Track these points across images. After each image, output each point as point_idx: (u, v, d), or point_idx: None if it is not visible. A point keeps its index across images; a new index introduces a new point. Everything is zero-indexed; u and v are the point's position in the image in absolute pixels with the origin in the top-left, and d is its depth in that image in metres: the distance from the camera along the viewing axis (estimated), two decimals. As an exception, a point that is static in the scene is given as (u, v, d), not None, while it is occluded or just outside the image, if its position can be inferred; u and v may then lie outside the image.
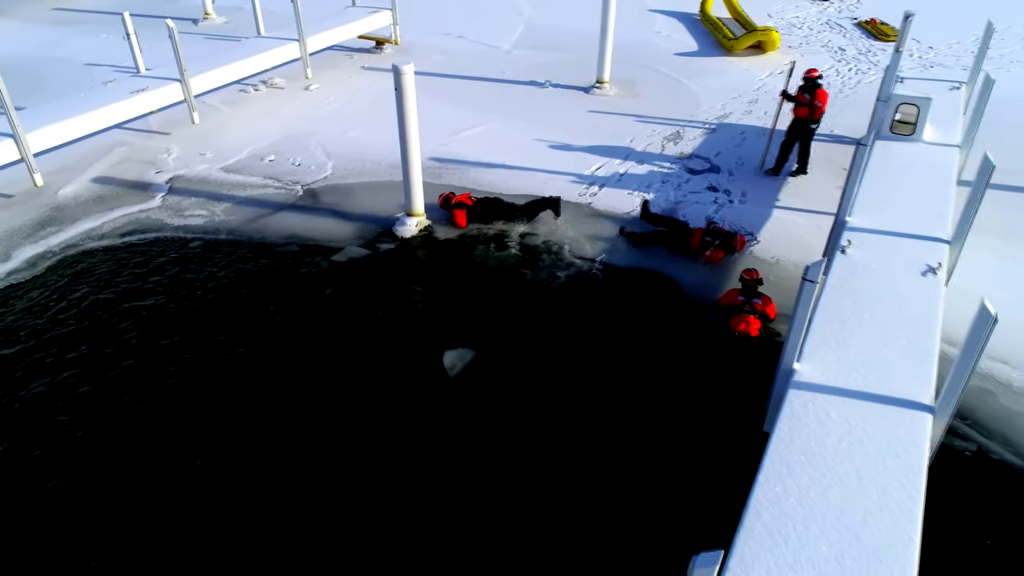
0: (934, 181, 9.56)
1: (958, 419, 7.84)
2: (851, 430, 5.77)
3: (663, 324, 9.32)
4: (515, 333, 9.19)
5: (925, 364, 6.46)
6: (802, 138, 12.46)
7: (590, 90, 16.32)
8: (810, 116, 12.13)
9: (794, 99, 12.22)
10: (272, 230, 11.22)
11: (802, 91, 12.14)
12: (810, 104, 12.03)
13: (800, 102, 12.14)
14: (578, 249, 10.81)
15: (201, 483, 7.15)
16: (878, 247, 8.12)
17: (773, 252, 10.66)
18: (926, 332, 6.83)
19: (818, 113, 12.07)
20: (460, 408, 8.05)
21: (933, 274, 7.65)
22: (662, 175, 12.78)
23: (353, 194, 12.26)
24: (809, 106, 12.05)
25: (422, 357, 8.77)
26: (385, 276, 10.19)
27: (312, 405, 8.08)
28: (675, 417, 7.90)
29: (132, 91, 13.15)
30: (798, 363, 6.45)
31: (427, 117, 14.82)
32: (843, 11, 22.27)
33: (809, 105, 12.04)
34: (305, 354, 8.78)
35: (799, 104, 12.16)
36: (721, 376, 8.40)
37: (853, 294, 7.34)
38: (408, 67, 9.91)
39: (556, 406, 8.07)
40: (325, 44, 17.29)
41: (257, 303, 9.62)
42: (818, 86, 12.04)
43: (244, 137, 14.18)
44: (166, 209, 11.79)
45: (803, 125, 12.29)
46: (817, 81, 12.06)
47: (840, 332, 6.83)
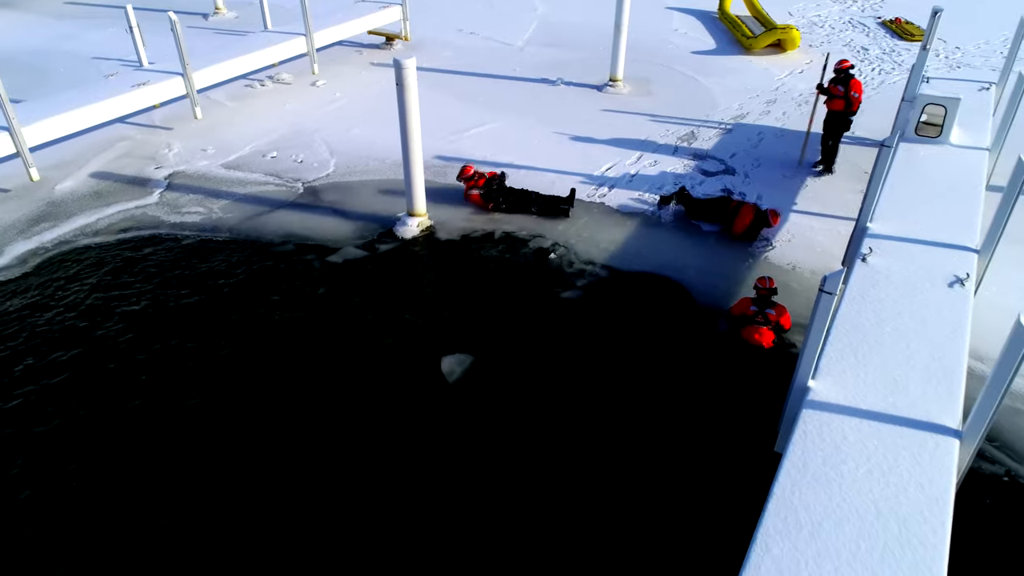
0: (962, 186, 9.05)
1: (985, 440, 7.34)
2: (870, 456, 5.31)
3: (672, 332, 8.88)
4: (517, 339, 8.80)
5: (952, 384, 5.98)
6: (836, 132, 12.12)
7: (603, 88, 15.88)
8: (846, 108, 11.79)
9: (828, 92, 11.87)
10: (270, 229, 10.89)
11: (835, 83, 11.80)
12: (845, 96, 11.70)
13: (834, 95, 11.79)
14: (585, 252, 10.38)
15: (192, 486, 6.83)
16: (901, 256, 7.64)
17: (789, 258, 10.18)
18: (953, 348, 6.34)
19: (855, 104, 11.74)
20: (458, 416, 7.67)
21: (961, 285, 7.15)
22: (675, 176, 12.32)
23: (355, 193, 11.91)
24: (844, 98, 11.72)
25: (418, 363, 8.39)
26: (382, 278, 9.83)
27: (301, 411, 7.73)
28: (681, 432, 7.46)
29: (133, 85, 12.89)
30: (813, 380, 6.00)
31: (434, 114, 14.56)
32: (867, 9, 21.64)
33: (844, 97, 11.72)
34: (295, 359, 8.43)
35: (833, 97, 11.81)
36: (731, 389, 7.95)
37: (874, 306, 6.87)
38: (410, 62, 9.54)
39: (557, 416, 7.66)
40: (333, 39, 16.98)
41: (248, 304, 9.28)
42: (851, 76, 11.72)
43: (247, 133, 13.88)
44: (163, 206, 11.50)
45: (839, 118, 11.94)
46: (850, 72, 11.73)
47: (859, 347, 6.37)
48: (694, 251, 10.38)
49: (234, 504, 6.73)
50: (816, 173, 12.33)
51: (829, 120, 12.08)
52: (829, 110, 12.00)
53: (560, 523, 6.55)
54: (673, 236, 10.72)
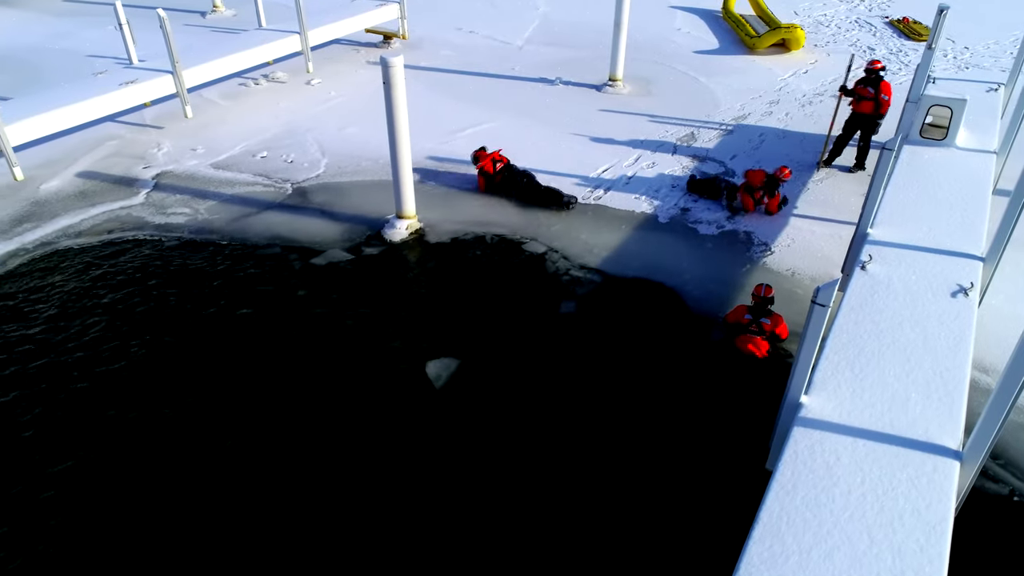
0: (967, 190, 8.71)
1: (990, 458, 7.01)
2: (864, 479, 5.01)
3: (664, 341, 8.58)
4: (504, 344, 8.51)
5: (953, 400, 5.67)
6: (865, 133, 11.90)
7: (602, 88, 15.57)
8: (875, 111, 11.55)
9: (854, 93, 11.62)
10: (255, 231, 10.64)
11: (864, 84, 11.56)
12: (874, 98, 11.46)
13: (863, 96, 11.55)
14: (578, 256, 10.09)
15: (171, 492, 6.59)
16: (902, 263, 7.32)
17: (788, 264, 9.86)
18: (955, 363, 6.03)
19: (884, 107, 11.50)
20: (446, 422, 7.41)
21: (964, 295, 6.83)
22: (672, 179, 12.01)
23: (345, 194, 11.65)
24: (873, 100, 11.49)
25: (401, 369, 8.12)
26: (364, 282, 9.54)
27: (279, 418, 7.47)
28: (669, 447, 7.16)
29: (120, 83, 12.66)
30: (806, 396, 5.70)
31: (430, 114, 14.31)
32: (874, 9, 21.26)
33: (873, 99, 11.48)
34: (272, 365, 8.17)
35: (861, 98, 11.57)
36: (723, 401, 7.64)
37: (873, 317, 6.56)
38: (397, 60, 9.26)
39: (544, 426, 7.37)
40: (328, 38, 16.74)
41: (226, 309, 9.02)
42: (881, 78, 11.49)
43: (238, 132, 13.64)
44: (149, 206, 11.27)
45: (867, 120, 11.70)
46: (880, 73, 11.49)
47: (856, 361, 6.06)
48: (691, 255, 10.07)
49: (213, 512, 6.48)
50: (847, 169, 12.10)
51: (854, 121, 11.81)
52: (855, 112, 11.73)
53: (544, 536, 6.27)
54: (670, 239, 10.42)
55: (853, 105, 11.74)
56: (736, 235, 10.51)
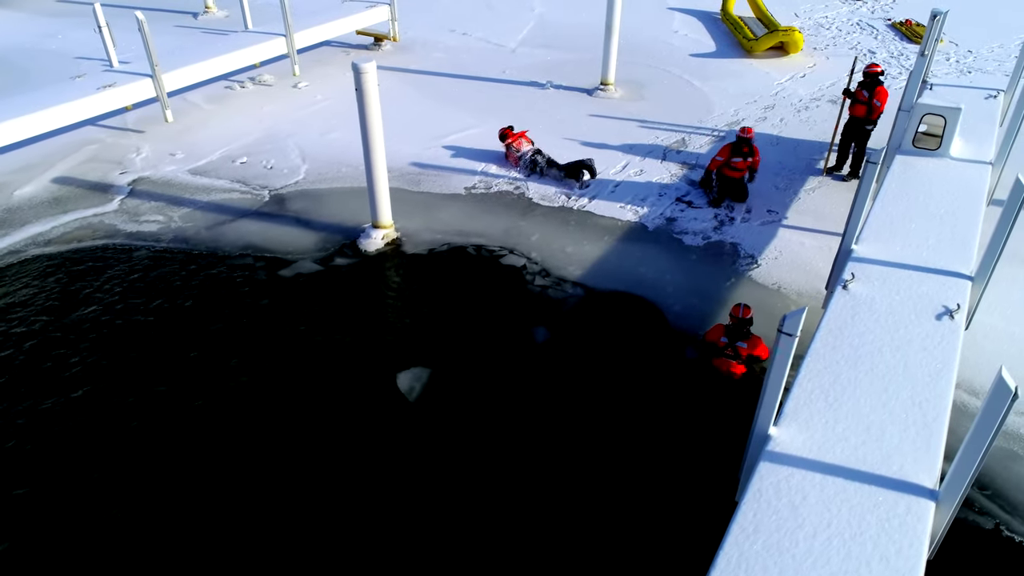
0: (960, 204, 8.35)
1: (975, 488, 6.68)
2: (831, 521, 4.68)
3: (640, 357, 8.27)
4: (476, 360, 8.22)
5: (932, 434, 5.33)
6: (857, 139, 11.50)
7: (593, 92, 15.24)
8: (867, 116, 11.17)
9: (853, 96, 11.26)
10: (228, 240, 10.38)
11: (861, 87, 11.19)
12: (868, 102, 11.06)
13: (858, 99, 11.18)
14: (558, 268, 9.78)
15: (130, 510, 6.33)
16: (887, 283, 6.98)
17: (775, 278, 9.52)
18: (936, 392, 5.69)
19: (876, 113, 11.09)
20: (421, 436, 7.12)
21: (950, 318, 6.48)
22: (660, 187, 11.68)
23: (323, 201, 11.38)
24: (867, 104, 11.08)
25: (366, 385, 7.84)
26: (332, 295, 9.24)
27: (238, 442, 7.20)
28: (638, 469, 6.85)
29: (98, 87, 12.42)
30: (775, 427, 5.38)
31: (416, 118, 14.03)
32: (876, 11, 20.83)
33: (867, 103, 11.08)
34: (230, 382, 7.90)
35: (856, 101, 11.20)
36: (696, 422, 7.32)
37: (851, 341, 6.23)
38: (369, 65, 8.98)
39: (511, 445, 7.07)
40: (316, 40, 16.46)
41: (187, 323, 8.74)
42: (879, 83, 11.07)
43: (220, 137, 13.39)
44: (122, 213, 11.02)
45: (858, 125, 11.32)
46: (878, 77, 11.07)
47: (831, 389, 5.73)
48: (674, 268, 9.74)
49: (175, 536, 6.21)
50: (840, 178, 11.74)
51: (849, 125, 11.48)
52: (851, 115, 11.40)
53: (514, 556, 5.98)
54: (653, 251, 10.09)
55: (849, 108, 11.40)
56: (722, 246, 10.17)
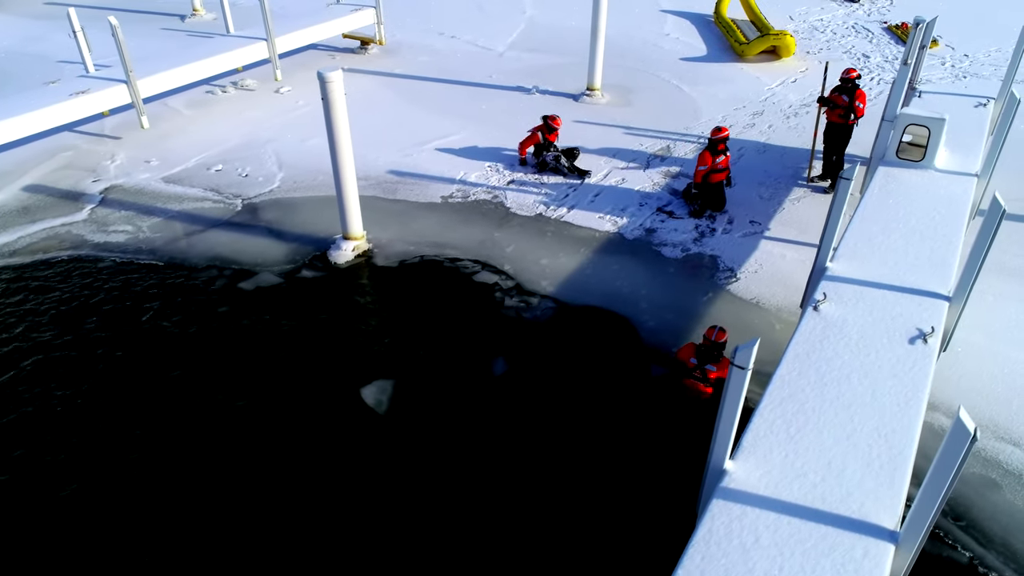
0: (942, 219, 8.06)
1: (949, 519, 6.41)
2: (783, 565, 4.43)
3: (609, 374, 8.02)
4: (441, 377, 7.98)
5: (896, 469, 5.07)
6: (838, 145, 11.28)
7: (580, 98, 14.98)
8: (845, 120, 10.97)
9: (830, 102, 11.03)
10: (196, 251, 10.16)
11: (839, 92, 10.97)
12: (848, 106, 10.88)
13: (837, 104, 10.96)
14: (532, 282, 9.53)
15: (79, 534, 6.12)
16: (860, 303, 6.71)
17: (753, 292, 9.25)
18: (903, 423, 5.42)
19: (859, 112, 10.93)
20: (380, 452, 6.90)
21: (923, 342, 6.21)
22: (641, 196, 11.42)
23: (297, 210, 11.15)
24: (847, 108, 10.89)
25: (321, 402, 7.61)
26: (294, 310, 9.01)
27: (189, 463, 6.99)
28: (595, 493, 6.60)
29: (71, 93, 12.22)
30: (732, 461, 5.13)
31: (396, 124, 13.81)
32: (873, 13, 20.51)
33: (847, 107, 10.89)
34: (180, 402, 7.68)
35: (835, 106, 10.99)
36: (659, 443, 7.07)
37: (819, 366, 5.96)
38: (335, 74, 8.75)
39: (471, 466, 6.83)
40: (299, 44, 16.22)
41: (144, 338, 8.53)
42: (857, 87, 10.91)
43: (197, 143, 13.17)
44: (91, 223, 10.82)
45: (841, 129, 11.11)
46: (856, 82, 10.90)
47: (794, 419, 5.47)
48: (651, 281, 9.49)
49: (132, 559, 6.01)
50: (822, 190, 11.45)
51: (829, 132, 11.22)
52: (829, 121, 11.14)
53: None
54: (631, 264, 9.83)
55: (828, 114, 11.14)
56: (701, 259, 9.91)
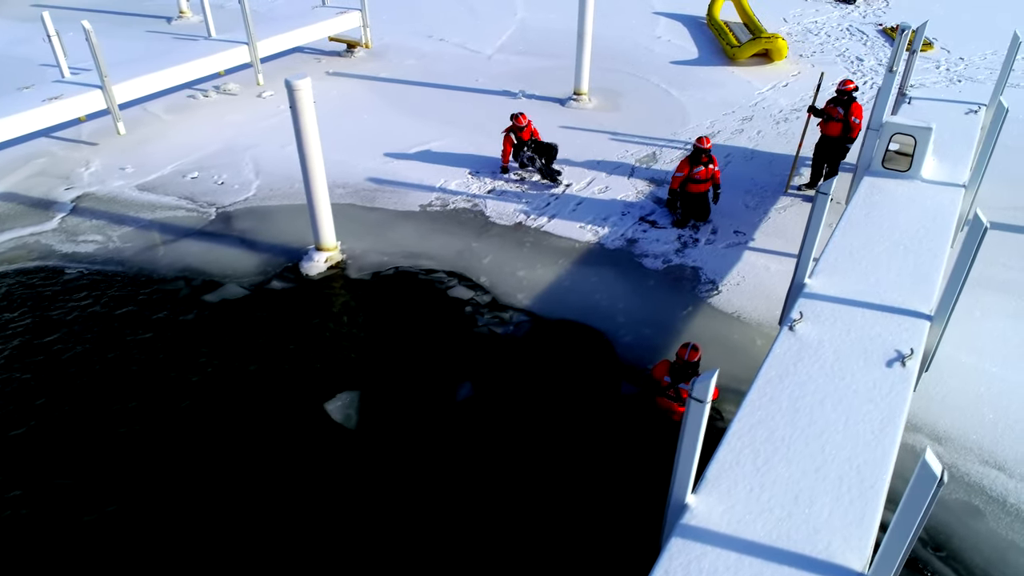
0: (926, 232, 7.80)
1: (930, 549, 6.16)
2: (742, 612, 4.18)
3: (582, 391, 7.77)
4: (407, 395, 7.74)
5: (867, 504, 4.81)
6: (832, 158, 10.97)
7: (566, 102, 14.73)
8: (843, 133, 10.65)
9: (824, 114, 10.71)
10: (165, 262, 9.93)
11: (834, 104, 10.63)
12: (844, 120, 10.55)
13: (832, 117, 10.63)
14: (508, 295, 9.29)
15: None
16: (838, 323, 6.45)
17: (735, 305, 9.00)
18: (878, 455, 5.16)
19: (855, 130, 10.58)
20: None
21: (902, 365, 5.95)
22: (624, 205, 11.16)
23: (271, 219, 10.92)
24: (843, 122, 10.57)
25: (282, 419, 7.38)
26: (259, 323, 8.78)
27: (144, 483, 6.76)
28: (561, 517, 6.35)
29: (45, 99, 11.99)
30: (694, 495, 4.88)
31: (378, 130, 13.58)
32: (868, 16, 20.21)
33: (843, 121, 10.57)
34: (135, 422, 7.45)
35: (830, 119, 10.65)
36: (630, 465, 6.81)
37: (791, 392, 5.71)
38: (303, 82, 8.50)
39: (430, 490, 6.59)
40: (282, 48, 15.98)
41: (99, 353, 8.30)
42: (853, 100, 10.56)
43: (175, 149, 12.94)
44: (60, 233, 10.59)
45: (835, 144, 10.80)
46: (852, 95, 10.54)
47: (762, 449, 5.22)
48: (630, 295, 9.23)
49: None
50: (809, 199, 11.17)
51: (823, 145, 10.90)
52: (824, 134, 10.83)
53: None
54: (610, 276, 9.58)
55: (822, 127, 10.85)
56: (683, 270, 9.65)
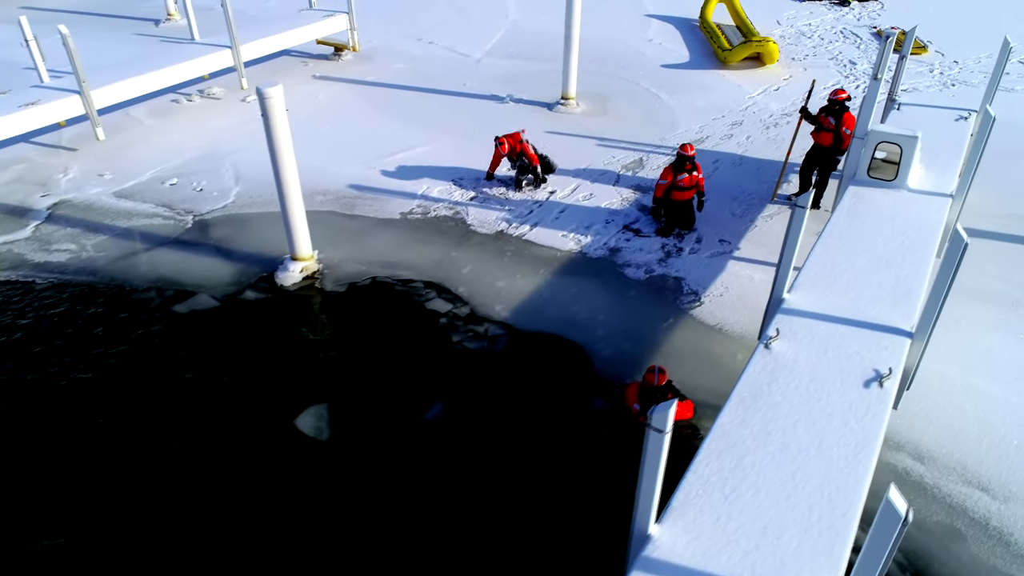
0: (910, 244, 7.60)
1: (908, 575, 5.96)
2: (700, 653, 4.00)
3: (557, 406, 7.59)
4: (377, 410, 7.56)
5: (837, 535, 4.62)
6: (822, 168, 10.74)
7: (554, 107, 14.54)
8: (834, 144, 10.38)
9: (815, 121, 10.47)
10: (139, 272, 9.74)
11: (826, 114, 10.39)
12: (835, 130, 10.29)
13: (823, 126, 10.39)
14: (485, 306, 9.10)
15: None
16: (815, 340, 6.26)
17: (717, 317, 8.81)
18: (851, 481, 4.97)
19: (845, 142, 10.27)
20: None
21: (879, 385, 5.76)
22: (608, 213, 10.97)
23: (249, 227, 10.73)
24: (834, 132, 10.31)
25: (250, 436, 7.20)
26: (229, 335, 8.59)
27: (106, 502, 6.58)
28: (523, 543, 6.17)
29: (21, 105, 11.81)
30: (658, 525, 4.69)
31: (362, 136, 13.40)
32: (863, 18, 20.01)
33: (834, 131, 10.30)
34: (92, 438, 7.27)
35: (821, 128, 10.42)
36: (599, 488, 6.62)
37: (764, 414, 5.51)
38: (274, 90, 8.32)
39: (400, 502, 6.41)
40: (266, 51, 15.78)
41: (66, 365, 8.13)
42: (845, 109, 10.30)
43: (155, 155, 12.77)
44: (33, 241, 10.42)
45: (825, 154, 10.56)
46: (845, 104, 10.30)
47: (731, 476, 5.02)
48: (611, 306, 9.04)
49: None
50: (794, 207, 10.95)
51: (814, 154, 10.67)
52: (815, 143, 10.60)
53: None
54: (591, 286, 9.39)
55: (813, 136, 10.64)
56: (665, 281, 9.46)
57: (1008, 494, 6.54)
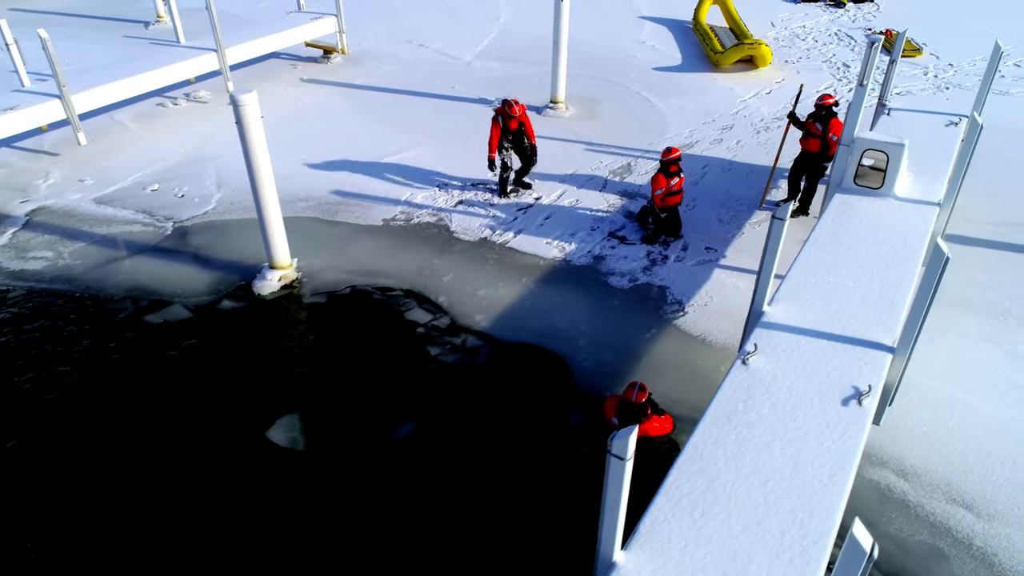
0: (896, 254, 7.44)
1: (889, 599, 5.81)
2: None
3: (533, 421, 7.43)
4: (351, 423, 7.41)
5: (809, 564, 4.46)
6: (810, 175, 10.56)
7: (543, 111, 14.38)
8: (821, 150, 10.19)
9: (803, 126, 10.32)
10: (115, 280, 9.60)
11: (813, 120, 10.21)
12: (822, 136, 10.11)
13: (811, 132, 10.22)
14: (466, 315, 8.95)
15: None
16: (794, 355, 6.10)
17: (701, 327, 8.65)
18: (825, 504, 4.81)
19: (832, 148, 10.05)
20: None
21: (858, 404, 5.60)
22: (594, 220, 10.81)
23: (229, 234, 10.59)
24: (821, 138, 10.13)
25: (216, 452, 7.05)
26: (201, 346, 8.44)
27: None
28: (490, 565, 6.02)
29: (0, 109, 11.67)
30: (624, 552, 4.54)
31: (347, 140, 13.25)
32: (858, 20, 19.85)
33: (821, 138, 10.12)
34: (60, 455, 7.13)
35: (808, 134, 10.25)
36: (569, 510, 6.47)
37: (738, 433, 5.36)
38: (249, 97, 8.17)
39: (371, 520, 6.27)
40: (253, 54, 15.64)
41: (32, 378, 7.98)
42: (833, 115, 10.10)
43: (138, 160, 12.62)
44: (10, 249, 10.27)
45: (812, 160, 10.38)
46: (832, 110, 10.11)
47: (701, 499, 4.87)
48: (593, 316, 8.88)
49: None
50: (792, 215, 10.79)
51: (802, 160, 10.51)
52: (803, 149, 10.43)
53: None
54: (573, 295, 9.23)
55: (801, 141, 10.48)
56: (649, 290, 9.31)
57: (993, 512, 6.38)
